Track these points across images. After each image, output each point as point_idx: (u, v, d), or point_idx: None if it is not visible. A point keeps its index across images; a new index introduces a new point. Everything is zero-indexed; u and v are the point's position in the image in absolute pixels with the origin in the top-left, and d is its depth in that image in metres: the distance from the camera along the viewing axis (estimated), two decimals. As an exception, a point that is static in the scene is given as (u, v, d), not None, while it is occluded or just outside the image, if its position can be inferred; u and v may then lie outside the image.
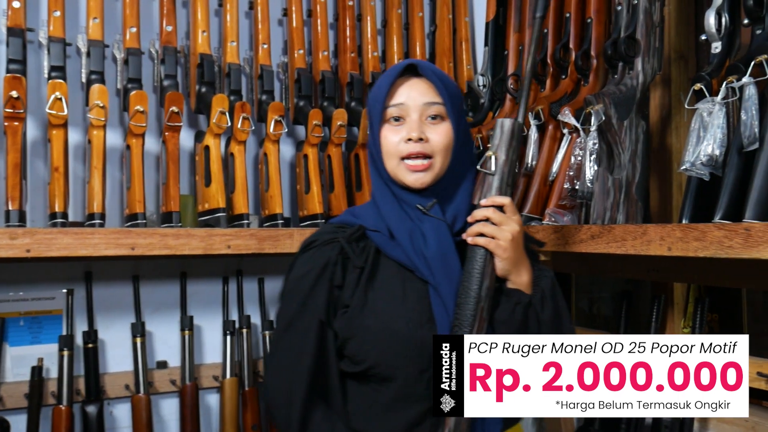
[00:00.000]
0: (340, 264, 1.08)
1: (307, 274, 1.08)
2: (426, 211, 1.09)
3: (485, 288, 1.04)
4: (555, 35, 1.67)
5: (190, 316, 1.74)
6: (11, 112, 1.41)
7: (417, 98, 1.09)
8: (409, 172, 1.08)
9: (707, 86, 1.19)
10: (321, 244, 1.10)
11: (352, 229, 1.11)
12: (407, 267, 1.09)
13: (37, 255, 1.34)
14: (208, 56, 1.68)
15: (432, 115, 1.09)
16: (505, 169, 1.08)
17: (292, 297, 1.09)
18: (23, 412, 1.56)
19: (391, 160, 1.09)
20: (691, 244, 1.09)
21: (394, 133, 1.09)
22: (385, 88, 1.09)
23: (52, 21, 1.53)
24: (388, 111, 1.09)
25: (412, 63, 1.11)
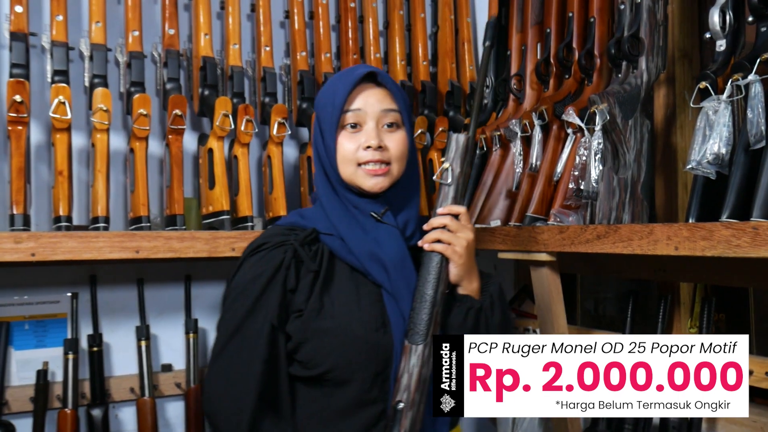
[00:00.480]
0: (293, 267, 1.08)
1: (258, 277, 1.07)
2: (379, 218, 1.11)
3: (439, 293, 1.06)
4: (558, 35, 1.66)
5: (195, 319, 1.74)
6: (15, 116, 1.41)
7: (375, 105, 1.10)
8: (369, 176, 1.10)
9: (712, 84, 1.18)
10: (272, 247, 1.09)
11: (306, 232, 1.11)
12: (360, 271, 1.11)
13: (42, 259, 1.34)
14: (210, 59, 1.68)
15: (389, 123, 1.11)
16: (460, 181, 1.11)
17: (240, 300, 1.07)
18: (29, 416, 1.56)
19: (347, 166, 1.10)
20: (699, 244, 1.08)
21: (350, 140, 1.10)
22: (342, 95, 1.09)
23: (54, 25, 1.53)
24: (345, 117, 1.10)
25: (372, 72, 1.12)
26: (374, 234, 1.11)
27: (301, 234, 1.10)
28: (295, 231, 1.12)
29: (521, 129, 1.65)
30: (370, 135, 1.09)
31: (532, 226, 1.47)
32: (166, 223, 1.59)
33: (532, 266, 1.49)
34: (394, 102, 1.12)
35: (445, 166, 1.11)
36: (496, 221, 1.67)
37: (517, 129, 1.66)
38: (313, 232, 1.11)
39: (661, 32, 1.40)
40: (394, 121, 1.12)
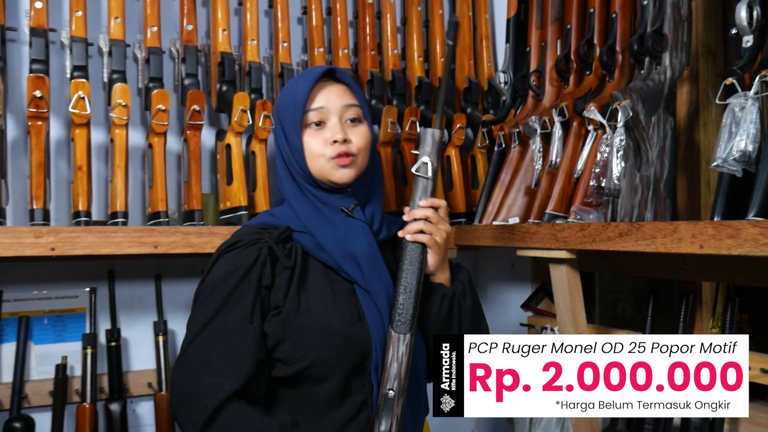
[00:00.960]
0: (268, 264, 1.08)
1: (232, 273, 1.07)
2: (350, 212, 1.14)
3: (422, 282, 1.11)
4: (578, 31, 1.64)
5: (212, 315, 1.74)
6: (35, 111, 1.41)
7: (336, 101, 1.14)
8: (337, 167, 1.12)
9: (739, 81, 1.16)
10: (246, 245, 1.10)
11: (280, 230, 1.12)
12: (332, 268, 1.13)
13: (62, 253, 1.35)
14: (228, 55, 1.68)
15: (351, 118, 1.15)
16: (436, 175, 1.15)
17: (213, 297, 1.07)
18: (48, 410, 1.57)
19: (316, 161, 1.13)
20: (725, 242, 1.06)
21: (316, 138, 1.13)
22: (303, 94, 1.12)
23: (74, 21, 1.53)
24: (309, 115, 1.13)
25: (331, 69, 1.16)
26: (344, 229, 1.13)
27: (274, 232, 1.12)
28: (267, 230, 1.13)
29: (541, 126, 1.63)
30: (334, 130, 1.12)
31: (552, 224, 1.45)
32: (183, 219, 1.60)
33: (551, 264, 1.48)
34: (354, 97, 1.16)
35: (423, 160, 1.13)
36: (515, 218, 1.65)
37: (536, 126, 1.64)
38: (287, 230, 1.13)
39: (685, 28, 1.38)
40: (356, 116, 1.16)
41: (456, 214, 1.89)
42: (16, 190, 1.56)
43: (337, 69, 1.18)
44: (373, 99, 1.86)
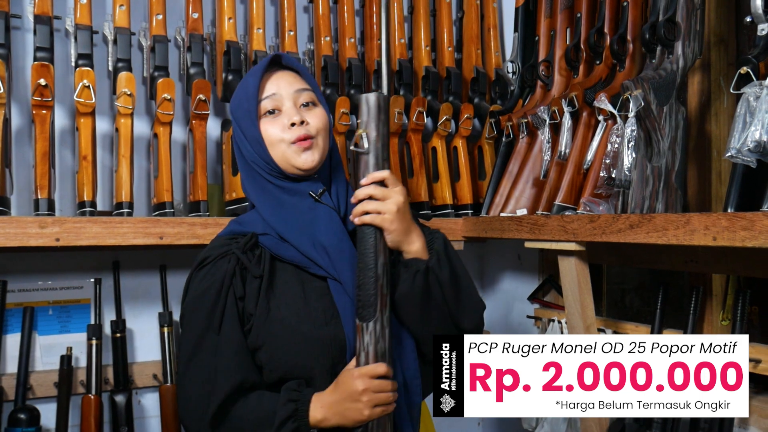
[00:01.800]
0: (238, 275, 1.08)
1: (207, 291, 1.07)
2: (318, 198, 1.11)
3: (381, 265, 1.05)
4: (588, 19, 1.62)
5: (217, 306, 1.73)
6: (39, 100, 1.40)
7: (287, 87, 1.12)
8: (299, 151, 1.09)
9: (754, 69, 1.14)
10: (215, 259, 1.10)
11: (245, 238, 1.11)
12: (302, 267, 1.10)
13: (66, 244, 1.34)
14: (234, 43, 1.66)
15: (304, 102, 1.13)
16: (379, 145, 1.07)
17: (195, 316, 1.08)
18: (53, 401, 1.56)
19: (276, 148, 1.10)
20: (738, 234, 1.04)
21: (273, 125, 1.11)
22: (254, 85, 1.11)
23: (78, 8, 1.52)
24: (262, 105, 1.11)
25: (277, 55, 1.15)
26: (311, 216, 1.11)
27: (241, 241, 1.10)
28: (236, 239, 1.12)
29: (550, 116, 1.61)
30: (290, 114, 1.10)
31: (561, 215, 1.44)
32: (189, 210, 1.58)
33: (560, 256, 1.46)
34: (304, 82, 1.14)
35: (358, 132, 1.07)
36: (523, 210, 1.64)
37: (545, 116, 1.63)
38: (253, 237, 1.11)
39: (698, 16, 1.35)
40: (310, 100, 1.13)
41: (463, 206, 1.87)
42: (21, 179, 1.55)
43: (283, 55, 1.16)
44: (379, 88, 1.85)
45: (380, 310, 1.03)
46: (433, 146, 1.88)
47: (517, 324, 2.11)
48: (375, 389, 1.02)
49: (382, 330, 1.04)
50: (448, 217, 1.84)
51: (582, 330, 1.47)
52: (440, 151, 1.87)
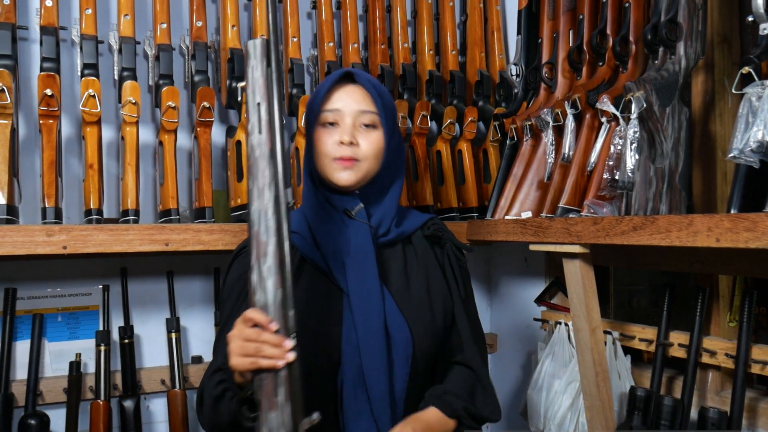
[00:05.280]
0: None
1: (238, 280, 1.13)
2: (352, 215, 1.14)
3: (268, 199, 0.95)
4: (591, 21, 1.62)
5: (224, 312, 1.75)
6: (46, 110, 1.42)
7: (352, 105, 1.14)
8: (339, 169, 1.12)
9: (756, 69, 1.13)
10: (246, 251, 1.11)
11: None
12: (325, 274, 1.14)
13: (74, 251, 1.35)
14: (238, 51, 1.67)
15: (365, 123, 1.14)
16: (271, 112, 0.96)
17: (229, 300, 1.14)
18: (62, 407, 1.58)
19: (323, 159, 1.14)
20: (742, 235, 1.04)
21: (327, 136, 1.14)
22: (322, 94, 1.14)
23: (84, 19, 1.54)
24: (324, 115, 1.14)
25: (350, 71, 1.16)
26: (341, 229, 1.15)
27: None
28: None
29: (553, 118, 1.61)
30: (344, 131, 1.13)
31: (564, 218, 1.44)
32: (194, 216, 1.60)
33: (564, 258, 1.46)
34: (372, 104, 1.15)
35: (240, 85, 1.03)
36: (527, 213, 1.64)
37: (549, 118, 1.62)
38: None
39: (700, 16, 1.35)
40: (371, 123, 1.15)
41: (468, 209, 1.87)
42: (28, 188, 1.57)
43: (358, 73, 1.17)
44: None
45: (256, 257, 0.94)
46: (438, 150, 1.88)
47: (524, 327, 2.10)
48: (241, 337, 0.93)
49: (260, 280, 0.94)
50: (454, 220, 1.84)
51: (588, 332, 1.47)
52: (445, 155, 1.87)
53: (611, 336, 1.66)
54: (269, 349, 0.91)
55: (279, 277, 0.94)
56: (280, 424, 0.93)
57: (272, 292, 0.93)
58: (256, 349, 0.91)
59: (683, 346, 1.48)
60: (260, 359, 0.91)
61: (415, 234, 1.24)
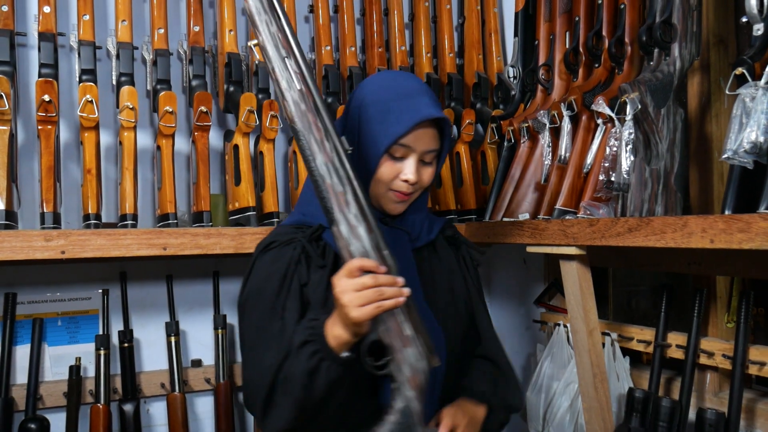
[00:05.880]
0: (303, 262, 1.09)
1: (272, 276, 1.07)
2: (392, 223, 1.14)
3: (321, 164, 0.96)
4: (587, 23, 1.62)
5: (224, 315, 1.75)
6: (44, 115, 1.43)
7: (422, 146, 1.11)
8: (395, 201, 1.12)
9: (749, 70, 1.13)
10: (281, 245, 1.10)
11: (312, 229, 1.11)
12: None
13: (72, 256, 1.36)
14: (235, 55, 1.68)
15: (427, 160, 1.12)
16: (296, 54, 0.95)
17: (260, 300, 1.07)
18: (62, 411, 1.59)
19: (379, 185, 1.11)
20: (735, 236, 1.04)
21: (390, 168, 1.10)
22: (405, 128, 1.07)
23: (81, 25, 1.54)
24: (397, 148, 1.09)
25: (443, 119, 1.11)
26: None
27: (307, 231, 1.11)
28: (301, 229, 1.13)
29: (550, 120, 1.62)
30: (410, 170, 1.10)
31: (561, 219, 1.44)
32: (193, 220, 1.60)
33: (561, 260, 1.46)
34: (437, 142, 1.13)
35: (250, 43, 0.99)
36: (525, 214, 1.64)
37: (545, 120, 1.63)
38: (319, 228, 1.11)
39: (694, 17, 1.35)
40: (431, 160, 1.14)
41: (467, 211, 1.87)
42: (27, 193, 1.58)
43: (446, 121, 1.12)
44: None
45: (339, 210, 0.96)
46: (436, 152, 1.89)
47: (523, 329, 2.11)
48: (354, 287, 0.93)
49: (351, 230, 0.96)
50: (452, 222, 1.84)
51: (585, 334, 1.47)
52: (443, 157, 1.87)
53: (610, 337, 1.66)
54: (388, 289, 0.94)
55: (366, 223, 0.96)
56: (418, 355, 0.98)
57: (366, 237, 0.96)
58: (377, 294, 0.93)
59: (681, 348, 1.48)
60: (383, 302, 0.93)
61: (438, 238, 1.24)
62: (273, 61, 0.94)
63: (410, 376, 0.99)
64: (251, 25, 0.96)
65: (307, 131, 0.95)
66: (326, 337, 0.97)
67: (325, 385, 0.97)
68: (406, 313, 0.97)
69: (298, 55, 0.94)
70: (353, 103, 1.14)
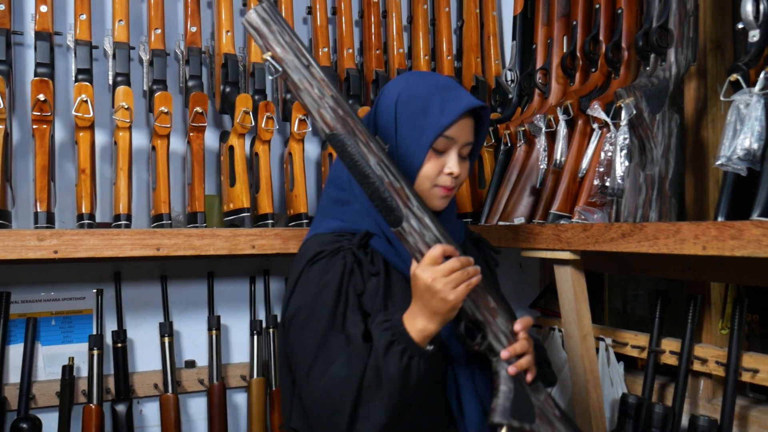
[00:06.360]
0: (357, 271, 1.07)
1: (326, 287, 1.04)
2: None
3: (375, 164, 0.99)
4: (584, 27, 1.62)
5: (218, 316, 1.75)
6: (39, 115, 1.43)
7: (463, 138, 1.12)
8: (441, 197, 1.12)
9: (744, 77, 1.13)
10: (330, 254, 1.07)
11: (360, 235, 1.09)
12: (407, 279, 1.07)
13: (65, 256, 1.36)
14: (232, 56, 1.68)
15: (464, 154, 1.13)
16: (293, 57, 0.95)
17: (317, 313, 1.03)
18: (55, 411, 1.58)
19: (426, 183, 1.11)
20: (727, 243, 1.03)
21: (435, 163, 1.11)
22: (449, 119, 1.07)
23: (78, 24, 1.54)
24: (440, 141, 1.09)
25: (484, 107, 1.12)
26: None
27: (354, 239, 1.09)
28: (344, 236, 1.10)
29: (546, 124, 1.61)
30: (453, 163, 1.11)
31: (555, 224, 1.43)
32: (188, 221, 1.60)
33: (555, 265, 1.46)
34: (474, 135, 1.14)
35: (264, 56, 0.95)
36: (520, 219, 1.63)
37: (541, 124, 1.62)
38: (367, 235, 1.09)
39: (691, 23, 1.35)
40: (468, 153, 1.14)
41: (462, 214, 1.87)
42: (22, 193, 1.58)
43: (485, 108, 1.13)
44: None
45: (404, 205, 0.99)
46: (432, 155, 1.88)
47: (519, 332, 2.10)
48: (444, 273, 0.98)
49: (419, 222, 1.00)
50: (448, 225, 1.83)
51: (578, 339, 1.46)
52: (439, 160, 1.87)
53: (604, 342, 1.66)
54: (471, 268, 1.00)
55: (429, 213, 1.01)
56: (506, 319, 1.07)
57: (433, 226, 1.01)
58: (464, 274, 0.99)
59: (675, 354, 1.48)
60: (471, 279, 0.99)
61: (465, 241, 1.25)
62: (297, 72, 0.94)
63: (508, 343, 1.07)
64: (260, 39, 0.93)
65: (352, 135, 0.97)
66: (410, 334, 0.98)
67: (416, 382, 0.99)
68: (483, 289, 1.05)
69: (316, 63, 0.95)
70: (385, 103, 1.13)
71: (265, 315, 1.81)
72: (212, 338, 1.73)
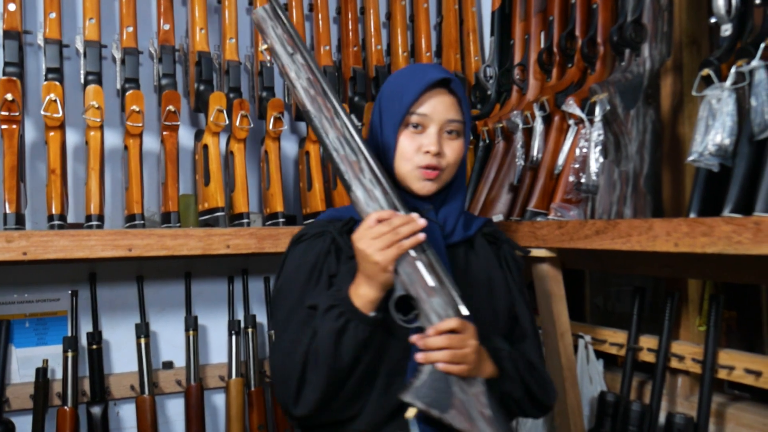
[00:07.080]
0: (333, 254, 1.10)
1: (302, 266, 1.10)
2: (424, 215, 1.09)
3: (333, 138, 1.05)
4: (561, 22, 1.60)
5: (195, 316, 1.73)
6: (7, 115, 1.40)
7: (442, 113, 1.10)
8: (421, 179, 1.10)
9: (716, 71, 1.12)
10: (312, 237, 1.12)
11: (343, 221, 1.13)
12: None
13: (34, 258, 1.33)
14: (206, 54, 1.66)
15: (449, 130, 1.11)
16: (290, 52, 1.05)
17: (289, 289, 1.10)
18: (29, 414, 1.56)
19: (404, 163, 1.10)
20: (699, 240, 1.03)
21: (412, 140, 1.10)
22: (413, 94, 1.08)
23: (48, 23, 1.52)
24: (411, 117, 1.09)
25: (447, 79, 1.11)
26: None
27: (338, 224, 1.13)
28: (333, 222, 1.14)
29: (523, 120, 1.60)
30: (431, 140, 1.08)
31: (531, 221, 1.42)
32: (162, 220, 1.58)
33: (532, 262, 1.45)
34: (460, 112, 1.12)
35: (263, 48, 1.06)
36: (498, 216, 1.62)
37: (518, 120, 1.61)
38: (350, 221, 1.12)
39: (665, 17, 1.34)
40: (455, 130, 1.11)
41: (442, 212, 1.86)
42: (-9, 194, 1.56)
43: (453, 80, 1.12)
44: (356, 96, 1.84)
45: (354, 176, 1.03)
46: (412, 152, 1.87)
47: (501, 330, 2.09)
48: (373, 235, 0.98)
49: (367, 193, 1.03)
50: (427, 223, 1.82)
51: (556, 337, 1.45)
52: (418, 158, 1.86)
53: (584, 340, 1.65)
54: (404, 228, 0.99)
55: (381, 186, 1.03)
56: (445, 303, 1.00)
57: (382, 198, 1.03)
58: (393, 234, 0.98)
59: (653, 351, 1.47)
60: (403, 241, 0.98)
61: (477, 236, 1.21)
62: (281, 58, 1.05)
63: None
64: (260, 32, 1.08)
65: (318, 112, 1.04)
66: (351, 300, 1.00)
67: (352, 347, 0.99)
68: (429, 266, 1.01)
69: (304, 51, 1.05)
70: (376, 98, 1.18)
71: (244, 315, 1.79)
72: (190, 339, 1.71)
